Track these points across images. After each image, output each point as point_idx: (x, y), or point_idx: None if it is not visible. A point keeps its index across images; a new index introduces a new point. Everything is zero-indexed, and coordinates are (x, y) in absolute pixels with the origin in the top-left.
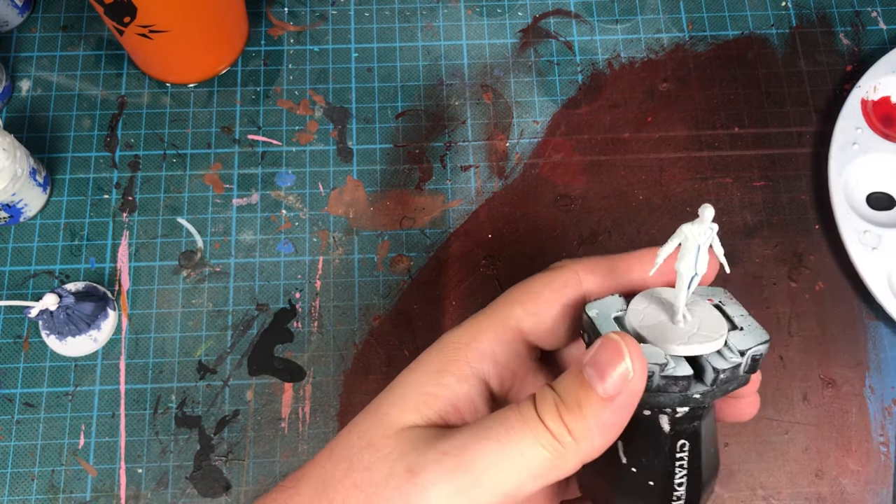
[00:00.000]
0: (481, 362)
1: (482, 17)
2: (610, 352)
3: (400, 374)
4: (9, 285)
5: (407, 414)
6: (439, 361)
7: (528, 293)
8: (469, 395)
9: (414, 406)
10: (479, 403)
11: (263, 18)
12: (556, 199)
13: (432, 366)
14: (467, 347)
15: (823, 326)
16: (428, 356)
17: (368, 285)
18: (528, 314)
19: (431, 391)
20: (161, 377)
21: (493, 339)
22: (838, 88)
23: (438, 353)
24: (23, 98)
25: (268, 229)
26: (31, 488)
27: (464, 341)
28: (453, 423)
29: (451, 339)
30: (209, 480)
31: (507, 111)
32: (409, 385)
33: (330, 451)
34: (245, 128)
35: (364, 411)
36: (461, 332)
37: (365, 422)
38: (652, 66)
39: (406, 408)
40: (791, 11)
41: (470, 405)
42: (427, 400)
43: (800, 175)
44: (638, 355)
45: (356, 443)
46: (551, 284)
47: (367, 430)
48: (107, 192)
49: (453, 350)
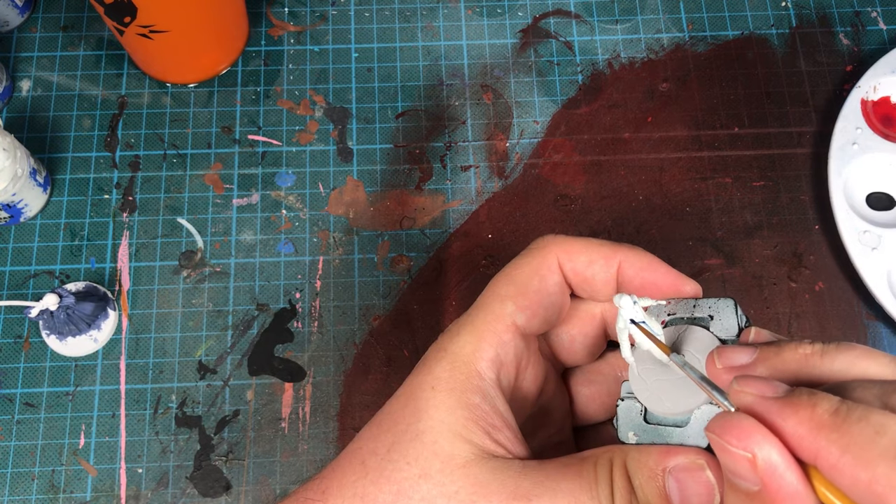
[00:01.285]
0: (490, 370)
1: (482, 17)
2: (701, 486)
3: (417, 390)
4: (9, 285)
5: (457, 444)
6: (458, 381)
7: (516, 286)
8: (496, 409)
9: (457, 432)
10: (503, 411)
11: (263, 18)
12: (556, 199)
13: (455, 386)
14: (475, 359)
15: (823, 326)
16: (444, 374)
17: (368, 285)
18: (519, 309)
19: (466, 415)
20: (161, 377)
21: (496, 344)
22: (838, 88)
23: (453, 372)
24: (23, 98)
25: (268, 229)
26: (32, 488)
27: (468, 352)
28: (495, 438)
29: (455, 351)
30: (209, 480)
31: (507, 111)
32: (441, 409)
33: (363, 467)
34: (245, 128)
35: (399, 431)
36: (463, 341)
37: (410, 447)
38: (652, 66)
39: (453, 436)
40: (791, 11)
41: (500, 419)
42: (467, 425)
43: (800, 175)
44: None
45: (406, 469)
46: (537, 273)
47: (418, 458)
48: (107, 192)
49: (464, 365)
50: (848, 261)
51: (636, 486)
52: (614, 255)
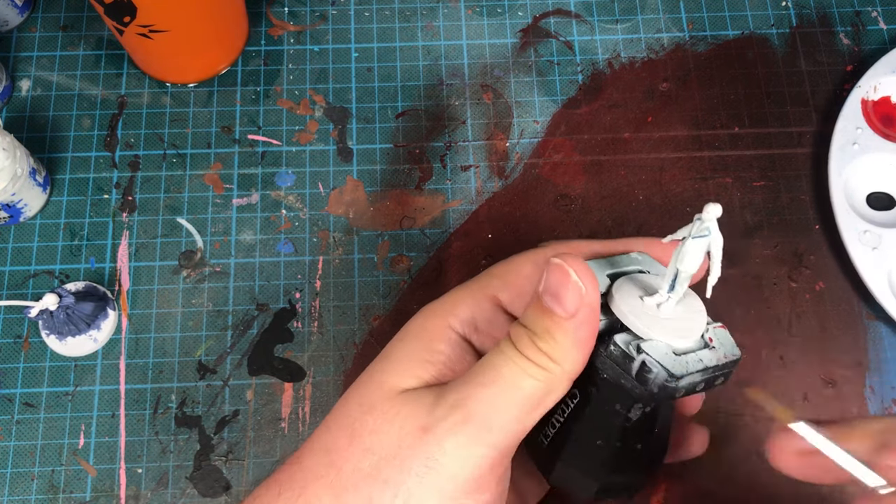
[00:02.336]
0: (463, 328)
1: (482, 17)
2: (558, 275)
3: (387, 347)
4: (9, 285)
5: (406, 379)
6: (427, 330)
7: (509, 269)
8: (462, 357)
9: (410, 373)
10: (471, 363)
11: (263, 18)
12: (556, 199)
13: (421, 334)
14: (449, 315)
15: (823, 326)
16: (414, 326)
17: (368, 285)
18: (506, 287)
19: (426, 357)
20: (161, 377)
21: (473, 306)
22: (838, 88)
23: (424, 322)
24: (23, 98)
25: (268, 229)
26: (31, 488)
27: (445, 309)
28: (446, 377)
29: (432, 309)
30: (209, 480)
31: (507, 111)
32: (401, 354)
33: (327, 426)
34: (245, 128)
35: (356, 383)
36: (441, 302)
37: (360, 390)
38: (652, 66)
39: (403, 374)
40: (791, 11)
41: (464, 366)
42: (423, 366)
43: (800, 175)
44: (583, 271)
45: (355, 410)
46: (531, 260)
47: (365, 397)
48: (107, 192)
49: (437, 318)
50: (848, 261)
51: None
52: (612, 247)
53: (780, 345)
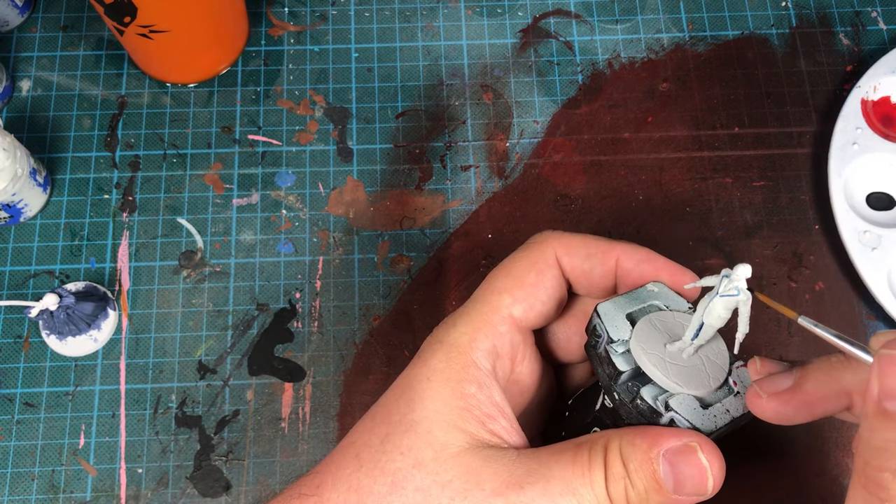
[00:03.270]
0: (486, 360)
1: (482, 17)
2: (694, 468)
3: (413, 381)
4: (9, 285)
5: (452, 433)
6: (454, 371)
7: (514, 279)
8: (492, 399)
9: (451, 422)
10: (500, 401)
11: (263, 18)
12: (556, 199)
13: (451, 376)
14: (471, 349)
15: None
16: (440, 365)
17: (368, 285)
18: (516, 301)
19: (461, 405)
20: (161, 377)
21: (492, 335)
22: (838, 88)
23: (449, 362)
24: (23, 98)
25: (268, 229)
26: (32, 488)
27: (464, 342)
28: (490, 428)
29: (451, 342)
30: (209, 480)
31: (507, 111)
32: (436, 399)
33: (357, 460)
34: (245, 128)
35: (393, 423)
36: (458, 332)
37: (405, 438)
38: (652, 66)
39: (446, 425)
40: (791, 11)
41: (496, 408)
42: (462, 415)
43: (800, 175)
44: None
45: (399, 459)
46: (534, 267)
47: (411, 448)
48: (107, 192)
49: (461, 355)
50: (848, 261)
51: (630, 469)
52: (612, 250)
53: (779, 345)
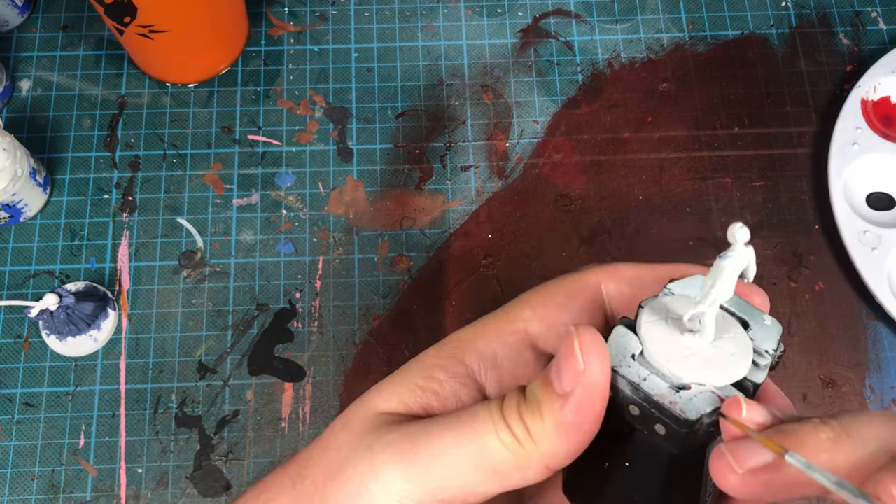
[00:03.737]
0: (479, 362)
1: (482, 17)
2: (565, 347)
3: (400, 367)
4: (9, 285)
5: (390, 401)
6: (435, 357)
7: (541, 295)
8: (456, 393)
9: (399, 396)
10: (466, 402)
11: (263, 18)
12: (556, 199)
13: (427, 360)
14: (467, 346)
15: (823, 326)
16: (428, 352)
17: (368, 285)
18: (537, 317)
19: (420, 383)
20: (161, 377)
21: (495, 339)
22: (838, 88)
23: (437, 350)
24: (23, 98)
25: (268, 229)
26: (32, 488)
27: (465, 339)
28: (435, 408)
29: (454, 337)
30: (209, 480)
31: (507, 111)
32: (401, 377)
33: (318, 437)
34: (245, 128)
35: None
36: (466, 330)
37: (350, 408)
38: (652, 66)
39: (391, 396)
40: (791, 11)
41: (456, 402)
42: (414, 391)
43: (800, 175)
44: (592, 348)
45: (336, 424)
46: (567, 288)
47: (347, 414)
48: (107, 192)
49: (452, 347)
50: (848, 261)
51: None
52: (660, 269)
53: None
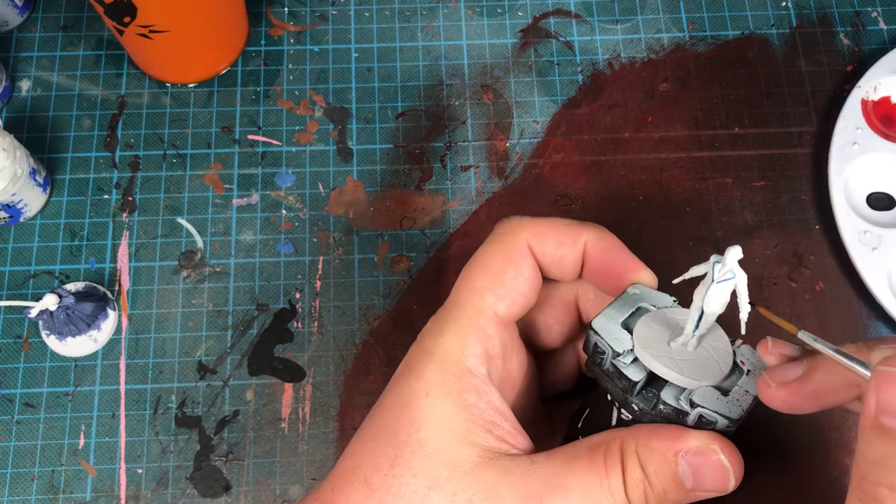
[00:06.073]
0: (481, 365)
1: (482, 17)
2: (715, 470)
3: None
4: (9, 285)
5: (462, 448)
6: (452, 384)
7: (492, 276)
8: (493, 405)
9: (460, 436)
10: (499, 405)
11: (263, 18)
12: (556, 199)
13: (450, 389)
14: (464, 357)
15: (824, 327)
16: (436, 378)
17: (368, 285)
18: (499, 299)
19: (466, 417)
20: (161, 377)
21: (482, 339)
22: (838, 88)
23: (445, 374)
24: (23, 98)
25: (268, 229)
26: (31, 488)
27: (455, 351)
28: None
29: (442, 353)
30: (209, 480)
31: (507, 111)
32: (441, 416)
33: (367, 485)
34: (245, 128)
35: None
36: (448, 341)
37: (415, 459)
38: (652, 66)
39: (456, 441)
40: (791, 11)
41: (498, 413)
42: (469, 427)
43: (800, 175)
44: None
45: (412, 483)
46: (511, 260)
47: (424, 469)
48: (107, 192)
49: (454, 365)
50: (848, 261)
51: (649, 473)
52: (580, 236)
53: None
